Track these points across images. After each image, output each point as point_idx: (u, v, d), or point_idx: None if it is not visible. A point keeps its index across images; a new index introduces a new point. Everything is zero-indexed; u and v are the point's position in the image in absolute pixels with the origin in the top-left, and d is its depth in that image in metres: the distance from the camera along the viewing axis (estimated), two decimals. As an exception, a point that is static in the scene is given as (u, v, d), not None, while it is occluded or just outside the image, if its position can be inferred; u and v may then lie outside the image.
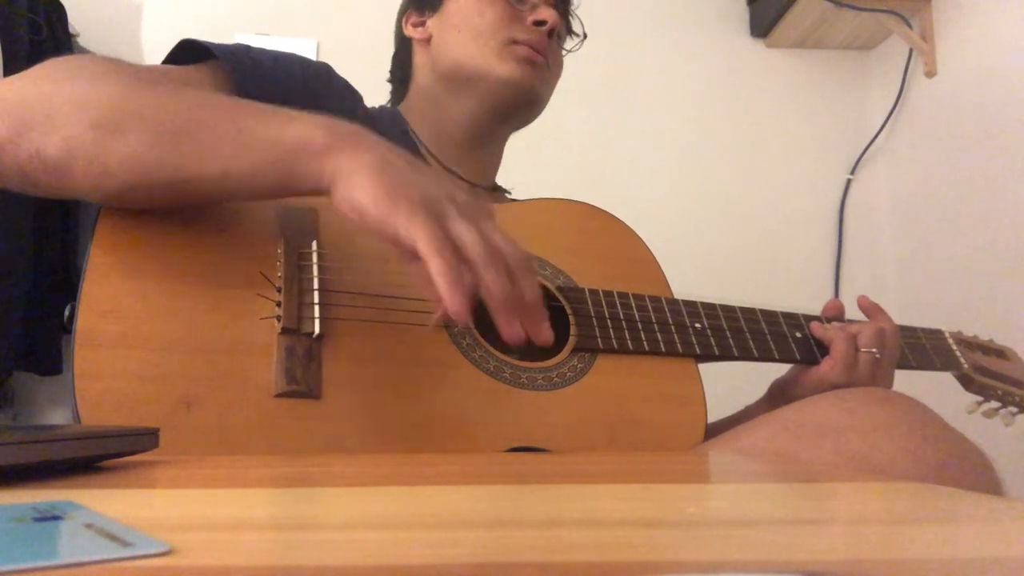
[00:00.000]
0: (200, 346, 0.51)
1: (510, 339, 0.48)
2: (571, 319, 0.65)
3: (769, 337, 0.72)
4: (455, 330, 0.60)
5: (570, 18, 0.87)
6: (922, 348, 0.82)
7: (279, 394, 0.51)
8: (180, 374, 0.49)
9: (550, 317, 0.51)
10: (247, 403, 0.50)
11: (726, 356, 0.70)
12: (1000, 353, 0.90)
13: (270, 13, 1.74)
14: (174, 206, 0.55)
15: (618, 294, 0.68)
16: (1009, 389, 0.85)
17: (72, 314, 0.50)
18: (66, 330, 1.37)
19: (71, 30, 1.52)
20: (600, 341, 0.64)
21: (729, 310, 0.73)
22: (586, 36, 0.88)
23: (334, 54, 1.55)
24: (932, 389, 0.81)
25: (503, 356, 0.61)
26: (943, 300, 1.62)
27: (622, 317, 0.67)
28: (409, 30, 0.85)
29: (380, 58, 0.92)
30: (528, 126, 0.85)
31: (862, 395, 0.59)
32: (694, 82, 1.89)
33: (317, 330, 0.54)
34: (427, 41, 0.82)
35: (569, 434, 0.59)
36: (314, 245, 0.58)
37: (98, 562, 0.19)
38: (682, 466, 0.50)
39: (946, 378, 0.86)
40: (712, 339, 0.69)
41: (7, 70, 1.27)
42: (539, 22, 0.78)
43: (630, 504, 0.32)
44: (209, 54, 0.65)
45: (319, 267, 0.57)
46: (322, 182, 0.50)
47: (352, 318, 0.56)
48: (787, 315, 0.75)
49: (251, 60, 0.67)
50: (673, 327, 0.68)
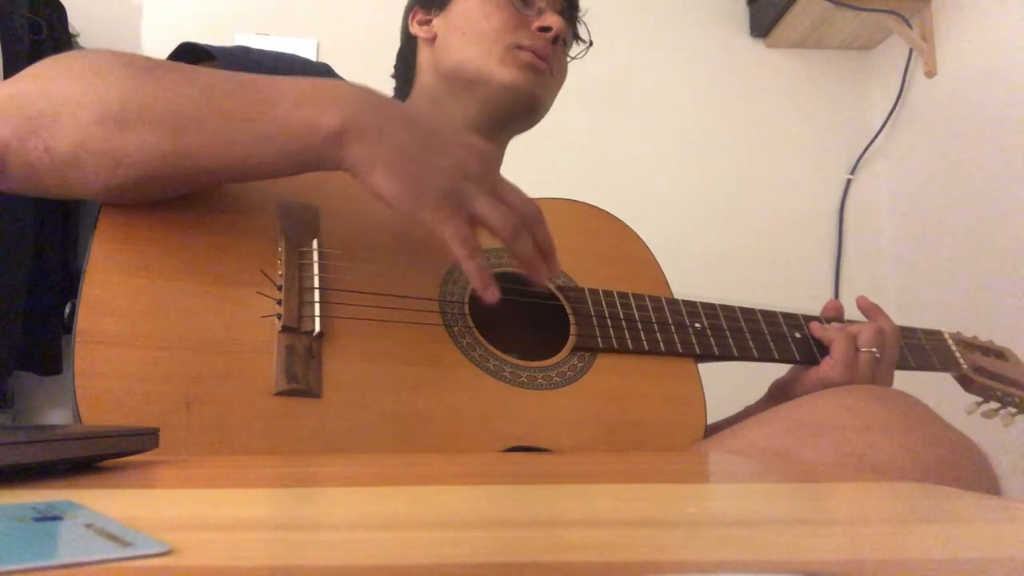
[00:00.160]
0: (200, 345, 0.51)
1: (541, 286, 0.60)
2: (571, 318, 0.65)
3: (769, 337, 0.72)
4: (455, 329, 0.60)
5: (577, 24, 0.86)
6: (922, 349, 0.82)
7: (279, 393, 0.51)
8: (180, 373, 0.49)
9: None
10: (247, 402, 0.50)
11: (726, 356, 0.70)
12: (999, 354, 0.90)
13: (270, 13, 1.73)
14: (181, 194, 0.55)
15: (618, 294, 0.68)
16: (1008, 390, 0.85)
17: (72, 313, 0.49)
18: (66, 329, 1.37)
19: (71, 30, 1.52)
20: (600, 341, 0.64)
21: (729, 310, 0.73)
22: (592, 43, 0.87)
23: (334, 54, 1.56)
24: (932, 389, 0.81)
25: (503, 355, 0.61)
26: (943, 300, 1.62)
27: (622, 317, 0.67)
28: (415, 28, 0.84)
29: (380, 58, 0.92)
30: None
31: (862, 393, 0.59)
32: (694, 82, 1.88)
33: (317, 328, 0.54)
34: (432, 40, 0.82)
35: (569, 433, 0.59)
36: (315, 243, 0.58)
37: (98, 562, 0.19)
38: (682, 466, 0.50)
39: (946, 378, 0.86)
40: (712, 339, 0.69)
41: (7, 70, 1.27)
42: (544, 28, 0.77)
43: (630, 504, 0.32)
44: (209, 56, 0.65)
45: (320, 265, 0.57)
46: (342, 168, 0.53)
47: (353, 317, 0.56)
48: (787, 315, 0.75)
49: (251, 62, 0.67)
50: (673, 327, 0.68)
